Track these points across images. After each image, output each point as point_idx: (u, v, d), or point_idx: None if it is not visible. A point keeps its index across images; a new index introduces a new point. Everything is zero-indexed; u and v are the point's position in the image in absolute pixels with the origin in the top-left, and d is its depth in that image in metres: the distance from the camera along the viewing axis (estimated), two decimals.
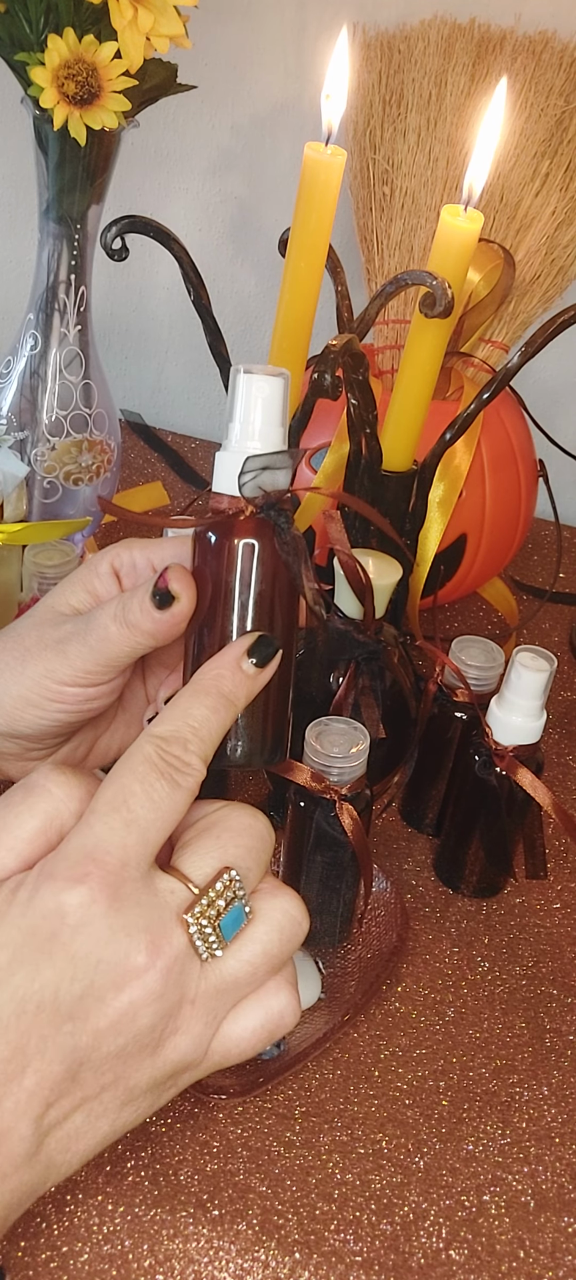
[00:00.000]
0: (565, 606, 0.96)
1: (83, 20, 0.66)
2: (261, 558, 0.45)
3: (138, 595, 0.47)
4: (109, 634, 0.47)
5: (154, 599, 0.46)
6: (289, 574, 0.46)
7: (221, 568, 0.46)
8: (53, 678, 0.49)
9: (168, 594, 0.46)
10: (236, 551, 0.45)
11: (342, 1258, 0.50)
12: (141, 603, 0.46)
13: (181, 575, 0.46)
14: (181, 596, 0.46)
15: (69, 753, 0.53)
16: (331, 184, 0.65)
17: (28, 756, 0.52)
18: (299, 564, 0.45)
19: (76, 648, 0.48)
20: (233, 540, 0.45)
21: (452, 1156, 0.55)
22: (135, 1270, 0.48)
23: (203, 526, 0.46)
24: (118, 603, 0.48)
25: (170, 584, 0.46)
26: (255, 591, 0.45)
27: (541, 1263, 0.51)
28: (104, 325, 1.07)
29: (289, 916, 0.43)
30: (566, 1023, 0.62)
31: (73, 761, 0.54)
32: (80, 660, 0.48)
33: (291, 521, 0.45)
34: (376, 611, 0.65)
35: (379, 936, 0.63)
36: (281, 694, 0.46)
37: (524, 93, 0.82)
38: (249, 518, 0.45)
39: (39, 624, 0.50)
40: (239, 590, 0.45)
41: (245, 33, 0.98)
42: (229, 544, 0.45)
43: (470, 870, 0.67)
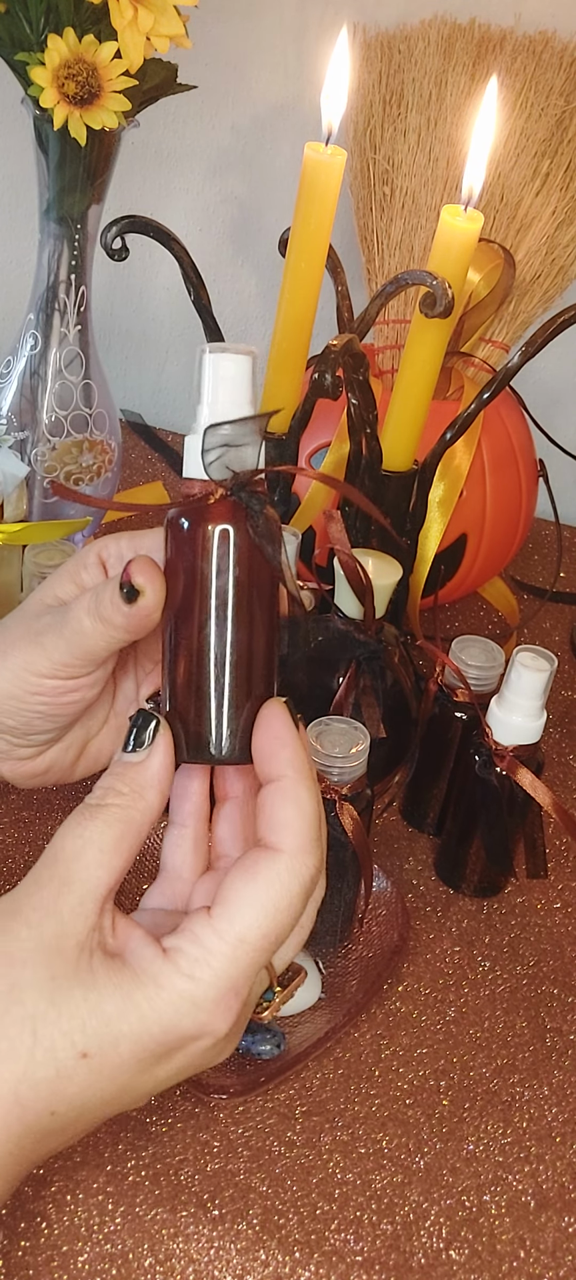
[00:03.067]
0: (565, 606, 0.96)
1: (83, 20, 0.66)
2: (236, 543, 0.43)
3: (108, 588, 0.46)
4: (83, 627, 0.47)
5: (122, 593, 0.45)
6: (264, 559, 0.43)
7: (195, 555, 0.43)
8: (31, 670, 0.48)
9: (132, 588, 0.45)
10: (209, 537, 0.43)
11: (343, 1257, 0.50)
12: (112, 597, 0.46)
13: (146, 567, 0.45)
14: (146, 590, 0.45)
15: (59, 754, 0.53)
16: (331, 184, 0.65)
17: (17, 755, 0.52)
18: (275, 548, 0.43)
19: (53, 640, 0.48)
20: (204, 526, 0.43)
21: (453, 1156, 0.55)
22: (136, 1270, 0.48)
23: (174, 512, 0.44)
24: (92, 596, 0.47)
25: (134, 578, 0.45)
26: (232, 579, 0.43)
27: (542, 1262, 0.51)
28: (104, 325, 1.07)
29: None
30: (567, 1022, 0.62)
31: (63, 764, 0.54)
32: (57, 653, 0.48)
33: (264, 503, 0.43)
34: (377, 611, 0.65)
35: (380, 936, 0.63)
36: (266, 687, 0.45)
37: (524, 93, 0.82)
38: (220, 501, 0.43)
39: (25, 617, 0.50)
40: (214, 578, 0.43)
41: (245, 33, 0.98)
42: (201, 530, 0.43)
43: (471, 870, 0.67)
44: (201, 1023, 0.41)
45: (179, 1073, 0.43)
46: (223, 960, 0.41)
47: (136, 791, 0.43)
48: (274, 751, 0.43)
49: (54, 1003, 0.40)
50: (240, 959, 0.41)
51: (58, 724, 0.51)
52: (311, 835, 0.43)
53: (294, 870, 0.42)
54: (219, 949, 0.41)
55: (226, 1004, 0.41)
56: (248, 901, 0.42)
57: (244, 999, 0.42)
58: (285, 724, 0.44)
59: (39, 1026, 0.40)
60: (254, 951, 0.42)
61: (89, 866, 0.41)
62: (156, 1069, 0.42)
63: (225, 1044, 0.43)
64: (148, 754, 0.43)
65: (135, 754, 0.43)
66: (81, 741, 0.54)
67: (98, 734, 0.54)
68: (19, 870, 0.64)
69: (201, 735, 0.44)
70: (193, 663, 0.44)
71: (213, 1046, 0.42)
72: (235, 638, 0.44)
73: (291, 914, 0.42)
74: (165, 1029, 0.41)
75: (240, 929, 0.41)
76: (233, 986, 0.41)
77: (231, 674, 0.44)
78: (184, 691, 0.44)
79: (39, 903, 0.41)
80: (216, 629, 0.43)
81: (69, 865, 0.41)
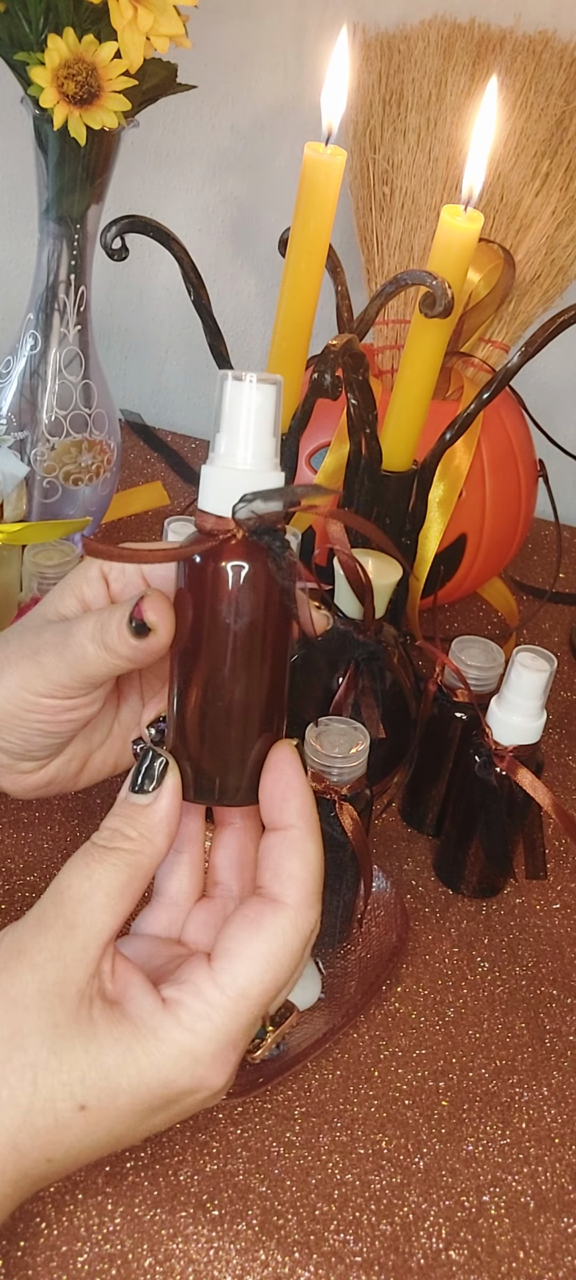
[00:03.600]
0: (565, 606, 0.96)
1: (83, 20, 0.66)
2: (254, 585, 0.42)
3: (115, 618, 0.45)
4: (86, 653, 0.46)
5: (130, 626, 0.44)
6: (281, 598, 0.42)
7: (211, 593, 0.42)
8: (29, 689, 0.48)
9: (143, 625, 0.43)
10: (225, 576, 0.42)
11: (342, 1258, 0.50)
12: (119, 627, 0.44)
13: (159, 605, 0.43)
14: (159, 629, 0.43)
15: (61, 766, 0.53)
16: (331, 184, 0.65)
17: (19, 769, 0.52)
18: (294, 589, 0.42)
19: (53, 661, 0.47)
20: (220, 564, 0.42)
21: (452, 1157, 0.55)
22: (135, 1270, 0.48)
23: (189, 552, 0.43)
24: (96, 622, 0.46)
25: (146, 615, 0.43)
26: (248, 621, 0.42)
27: (541, 1264, 0.51)
28: (104, 325, 1.07)
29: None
30: (566, 1023, 0.62)
31: (66, 776, 0.53)
32: (56, 674, 0.47)
33: (287, 545, 0.42)
34: (376, 612, 0.65)
35: (379, 937, 0.63)
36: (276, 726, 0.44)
37: (524, 92, 0.82)
38: (242, 541, 0.42)
39: (24, 632, 0.49)
40: (230, 620, 0.42)
41: (245, 33, 0.98)
42: (216, 568, 0.42)
43: (470, 870, 0.67)
44: (200, 1077, 0.41)
45: (172, 1119, 0.43)
46: (224, 1015, 0.41)
47: (145, 836, 0.43)
48: (284, 799, 0.43)
49: (55, 1052, 0.40)
50: (241, 1014, 0.41)
51: (57, 740, 0.50)
52: (314, 890, 0.43)
53: (297, 925, 0.42)
54: (220, 1003, 0.41)
55: (224, 1058, 0.42)
56: (251, 956, 0.42)
57: (240, 1051, 0.43)
58: (295, 770, 0.43)
59: (39, 1076, 0.40)
60: (255, 1006, 0.42)
61: (95, 910, 0.41)
62: (152, 1119, 0.42)
63: (220, 1094, 0.43)
64: (155, 797, 0.43)
65: (143, 796, 0.43)
66: (84, 754, 0.53)
67: (101, 746, 0.54)
68: (17, 871, 0.64)
69: (208, 775, 0.44)
70: (202, 702, 0.43)
71: (209, 1097, 0.43)
72: (248, 680, 0.43)
73: (292, 967, 0.42)
74: (164, 1083, 0.41)
75: (243, 984, 0.41)
76: (232, 1041, 0.42)
77: (242, 716, 0.43)
78: (192, 730, 0.43)
79: (44, 944, 0.41)
80: (229, 671, 0.42)
81: (75, 908, 0.41)
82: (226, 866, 0.48)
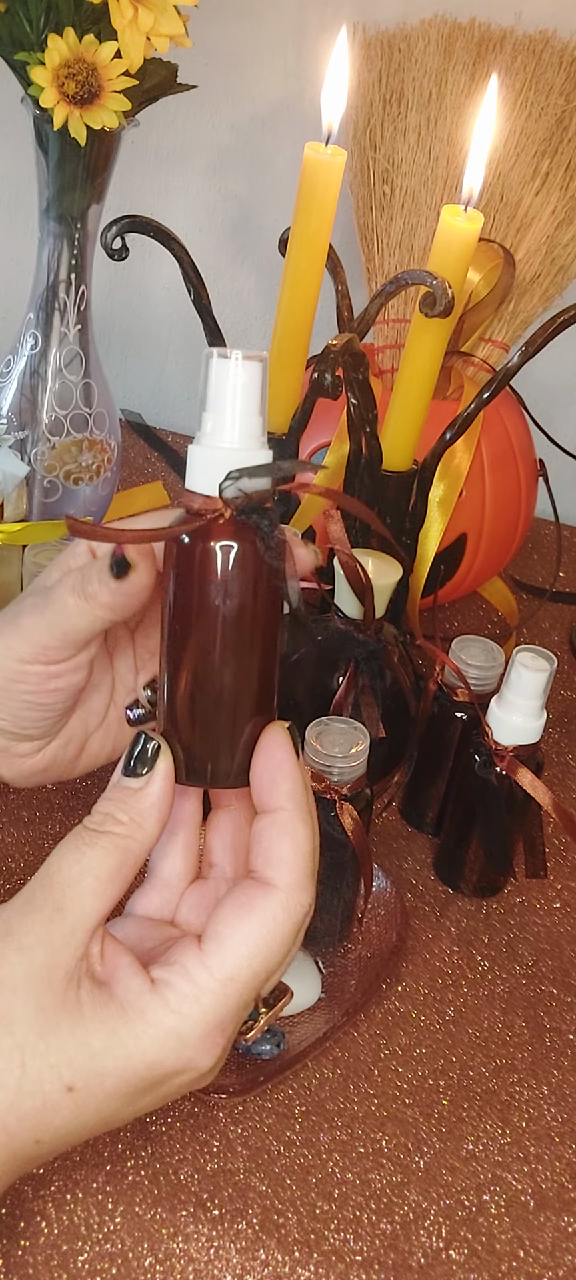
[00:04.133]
0: (565, 606, 0.96)
1: (83, 20, 0.66)
2: (243, 564, 0.41)
3: (96, 566, 0.45)
4: (66, 606, 0.46)
5: (111, 569, 0.44)
6: (270, 578, 0.42)
7: (200, 574, 0.41)
8: (12, 655, 0.48)
9: (124, 561, 0.44)
10: (213, 556, 0.41)
11: (342, 1257, 0.50)
12: (100, 573, 0.45)
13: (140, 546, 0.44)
14: (138, 564, 0.44)
15: (59, 750, 0.53)
16: (331, 183, 0.65)
17: (15, 751, 0.52)
18: (283, 567, 0.42)
19: (33, 621, 0.47)
20: (211, 545, 0.41)
21: (452, 1156, 0.55)
22: (135, 1269, 0.48)
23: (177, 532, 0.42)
24: (77, 575, 0.46)
25: (126, 551, 0.44)
26: (237, 601, 0.42)
27: (541, 1262, 0.51)
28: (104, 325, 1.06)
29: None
30: (566, 1022, 0.62)
31: (63, 761, 0.53)
32: (37, 634, 0.47)
33: (275, 522, 0.42)
34: (376, 611, 0.65)
35: (379, 936, 0.63)
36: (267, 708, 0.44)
37: (524, 92, 0.82)
38: (230, 521, 0.41)
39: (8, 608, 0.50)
40: (219, 600, 0.42)
41: (245, 33, 0.98)
42: (207, 549, 0.41)
43: (470, 869, 0.67)
44: (187, 1058, 0.41)
45: (161, 1100, 0.43)
46: (211, 997, 0.41)
47: (136, 821, 0.43)
48: (274, 782, 0.43)
49: (42, 1035, 0.40)
50: (230, 996, 0.41)
51: (48, 715, 0.50)
52: (306, 872, 0.43)
53: (288, 907, 0.42)
54: (208, 985, 0.41)
55: (212, 1040, 0.42)
56: (240, 939, 0.42)
57: (230, 1034, 0.43)
58: (287, 753, 0.43)
59: (27, 1058, 0.40)
60: (244, 989, 0.42)
61: (84, 895, 0.41)
62: (140, 1100, 0.42)
63: (208, 1075, 0.43)
64: (147, 781, 0.43)
65: (135, 780, 0.43)
66: (81, 736, 0.53)
67: (98, 728, 0.54)
68: (18, 870, 0.64)
69: (201, 758, 0.44)
70: (193, 684, 0.43)
71: (197, 1079, 0.43)
72: (238, 661, 0.43)
73: (283, 951, 0.42)
74: (150, 1065, 0.41)
75: (231, 967, 0.41)
76: (219, 1023, 0.42)
77: (232, 697, 0.43)
78: (183, 713, 0.43)
79: (32, 927, 0.41)
80: (220, 652, 0.42)
81: (64, 891, 0.41)
82: (220, 848, 0.48)
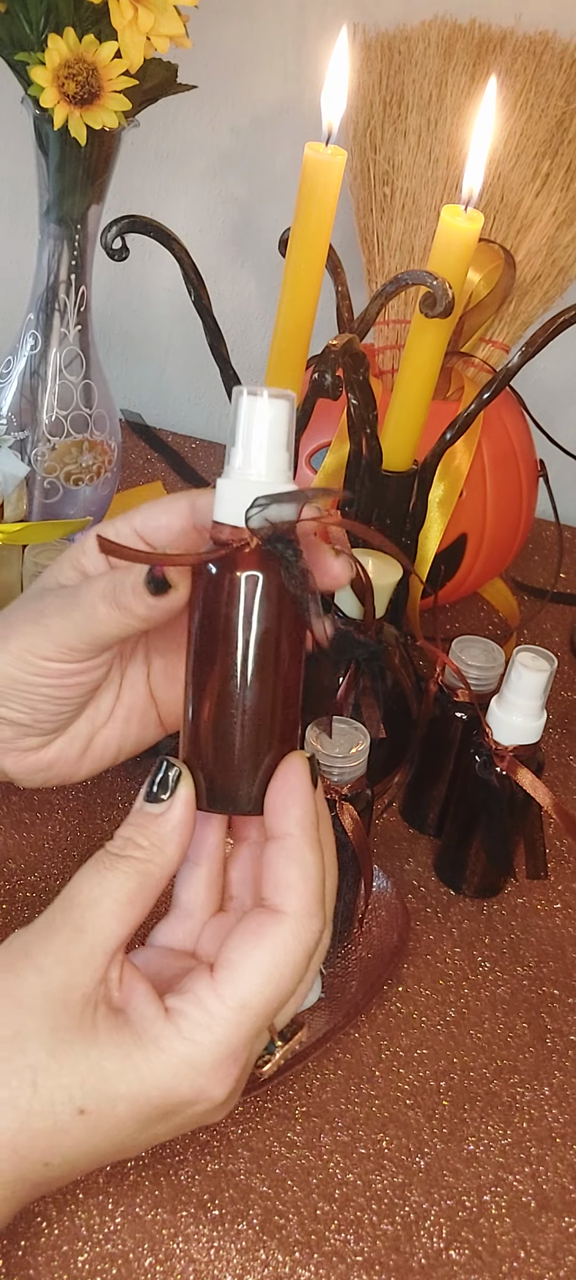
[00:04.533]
0: (565, 607, 0.96)
1: (83, 20, 0.66)
2: (268, 593, 0.42)
3: (131, 577, 0.45)
4: (97, 613, 0.46)
5: (149, 585, 0.44)
6: (295, 608, 0.43)
7: (225, 603, 0.43)
8: (34, 652, 0.48)
9: (164, 582, 0.44)
10: (239, 585, 0.42)
11: (343, 1258, 0.50)
12: (135, 585, 0.45)
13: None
14: (179, 586, 0.44)
15: (65, 746, 0.52)
16: (331, 184, 0.65)
17: (22, 745, 0.51)
18: (307, 597, 0.43)
19: (60, 623, 0.47)
20: (235, 574, 0.42)
21: (454, 1157, 0.55)
22: (136, 1270, 0.48)
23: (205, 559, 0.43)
24: (108, 581, 0.46)
25: (168, 572, 0.44)
26: (262, 630, 0.43)
27: (543, 1263, 0.51)
28: (104, 326, 1.06)
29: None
30: (568, 1023, 0.62)
31: (69, 756, 0.53)
32: (63, 636, 0.47)
33: (299, 554, 0.43)
34: (377, 611, 0.65)
35: (380, 937, 0.63)
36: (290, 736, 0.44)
37: (524, 93, 0.82)
38: (256, 550, 0.42)
39: (26, 602, 0.50)
40: (244, 628, 0.43)
41: (245, 33, 0.98)
42: (233, 578, 0.42)
43: (471, 871, 0.67)
44: (200, 1087, 0.41)
45: (173, 1130, 0.43)
46: (224, 1026, 0.41)
47: (156, 846, 0.43)
48: (285, 808, 0.43)
49: (55, 1055, 0.40)
50: (242, 1024, 0.41)
51: (64, 710, 0.50)
52: (316, 897, 0.43)
53: (298, 934, 0.42)
54: (221, 1014, 0.41)
55: (225, 1070, 0.42)
56: (252, 966, 0.42)
57: (243, 1064, 0.42)
58: (301, 780, 0.43)
59: (39, 1078, 0.40)
60: (256, 1017, 0.42)
61: (103, 917, 0.41)
62: (152, 1129, 0.42)
63: (223, 1107, 0.43)
64: (168, 806, 0.43)
65: (156, 805, 0.43)
66: (87, 733, 0.53)
67: (104, 725, 0.53)
68: (19, 872, 0.64)
69: (222, 785, 0.44)
70: (216, 711, 0.43)
71: (211, 1110, 0.43)
72: (261, 689, 0.43)
73: (295, 978, 0.42)
74: (163, 1092, 0.41)
75: (243, 994, 0.41)
76: (232, 1053, 0.42)
77: (255, 725, 0.43)
78: (206, 739, 0.44)
79: (50, 949, 0.41)
80: (242, 680, 0.43)
81: (84, 913, 0.41)
82: (240, 880, 0.48)
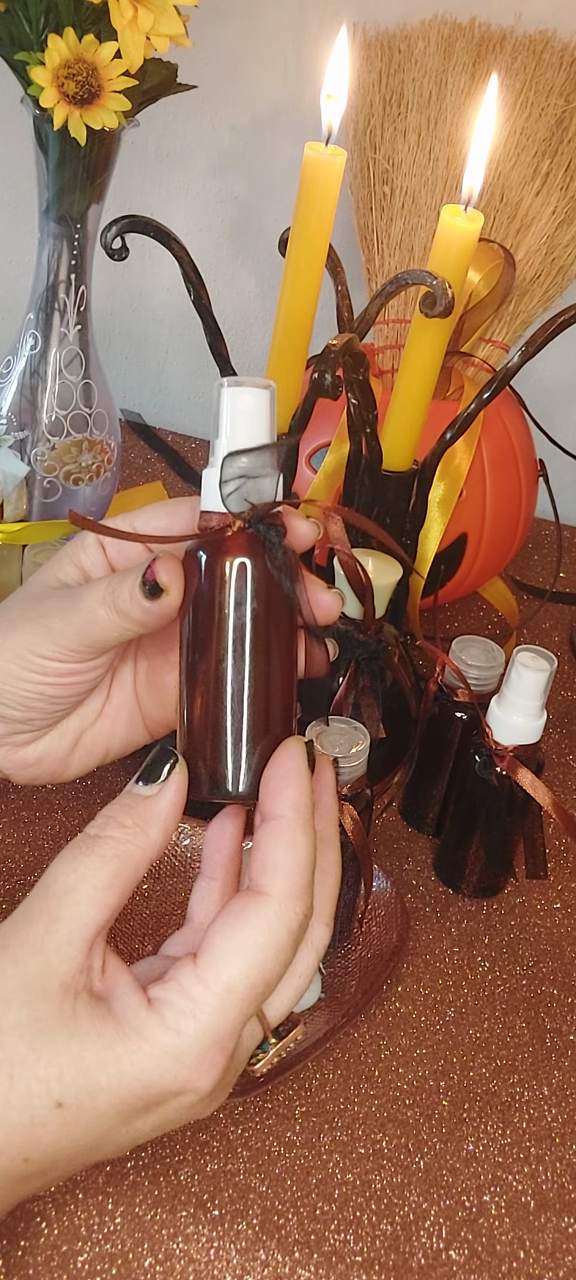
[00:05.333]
0: (565, 606, 0.96)
1: (83, 20, 0.66)
2: (254, 575, 0.43)
3: (127, 582, 0.45)
4: (96, 617, 0.46)
5: (143, 588, 0.44)
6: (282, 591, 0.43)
7: (213, 587, 0.43)
8: (34, 651, 0.48)
9: (157, 586, 0.44)
10: (227, 569, 0.43)
11: (343, 1257, 0.50)
12: (131, 590, 0.45)
13: (171, 566, 0.44)
14: (171, 589, 0.44)
15: (54, 743, 0.52)
16: (331, 184, 0.65)
17: (12, 740, 0.51)
18: (292, 581, 0.43)
19: (60, 625, 0.47)
20: (223, 558, 0.43)
21: (453, 1156, 0.55)
22: (135, 1270, 0.48)
23: (192, 545, 0.44)
24: (107, 586, 0.46)
25: (159, 576, 0.44)
26: (249, 612, 0.43)
27: (542, 1263, 0.51)
28: (104, 325, 1.07)
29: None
30: (567, 1022, 0.62)
31: (58, 753, 0.53)
32: (63, 637, 0.47)
33: (282, 535, 0.43)
34: (376, 611, 0.65)
35: (379, 936, 0.63)
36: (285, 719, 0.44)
37: (524, 92, 0.82)
38: (238, 533, 0.43)
39: (26, 598, 0.50)
40: (232, 611, 0.43)
41: (245, 33, 0.98)
42: (219, 562, 0.43)
43: (470, 870, 0.67)
44: (184, 1079, 0.40)
45: (159, 1127, 0.42)
46: (209, 1012, 0.40)
47: (140, 826, 0.42)
48: (278, 789, 0.43)
49: (33, 1046, 0.39)
50: (228, 1010, 0.41)
51: (58, 707, 0.50)
52: (302, 881, 0.42)
53: (282, 916, 0.41)
54: (205, 1000, 0.40)
55: (211, 1059, 0.41)
56: (234, 950, 0.41)
57: (230, 1053, 0.41)
58: (297, 764, 0.43)
59: (15, 1070, 0.39)
60: (241, 1002, 0.41)
61: (80, 903, 0.41)
62: (135, 1123, 0.41)
63: (209, 1101, 0.42)
64: (160, 789, 0.43)
65: (147, 787, 0.43)
66: (76, 731, 0.53)
67: (93, 724, 0.53)
68: (18, 870, 0.64)
69: (218, 771, 0.44)
70: (210, 697, 0.44)
71: (197, 1103, 0.41)
72: (253, 672, 0.43)
73: (280, 962, 0.42)
74: (146, 1084, 0.40)
75: (227, 979, 0.41)
76: (218, 1041, 0.41)
77: (249, 709, 0.43)
78: (200, 726, 0.44)
79: (26, 939, 0.41)
80: (234, 662, 0.43)
81: (60, 900, 0.41)
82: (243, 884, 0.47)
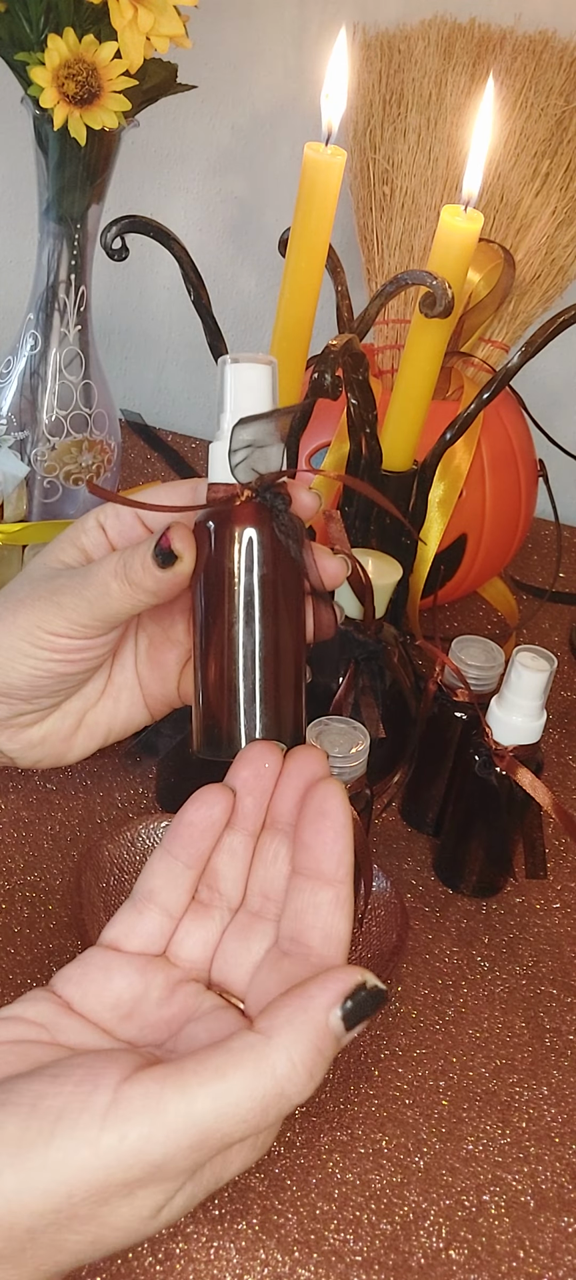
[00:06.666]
0: (565, 606, 0.96)
1: (83, 20, 0.66)
2: (262, 542, 0.44)
3: (139, 553, 0.46)
4: (109, 590, 0.47)
5: (156, 558, 0.45)
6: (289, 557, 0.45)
7: (223, 556, 0.45)
8: (45, 627, 0.48)
9: (171, 553, 0.45)
10: (236, 538, 0.44)
11: (342, 1257, 0.50)
12: (144, 560, 0.45)
13: (184, 534, 0.45)
14: (184, 556, 0.45)
15: (57, 723, 0.52)
16: (331, 184, 0.65)
17: (17, 722, 0.51)
18: (299, 546, 0.44)
19: (72, 600, 0.48)
20: (231, 528, 0.44)
21: (452, 1156, 0.55)
22: (136, 1269, 0.48)
23: (201, 516, 0.46)
24: (119, 559, 0.47)
25: (173, 543, 0.45)
26: (258, 577, 0.44)
27: (541, 1262, 0.51)
28: (104, 325, 1.06)
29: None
30: (566, 1022, 0.62)
31: (59, 735, 0.53)
32: (76, 613, 0.48)
33: (288, 503, 0.45)
34: (376, 611, 0.65)
35: (379, 936, 0.63)
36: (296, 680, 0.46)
37: (524, 92, 0.82)
38: (246, 503, 0.44)
39: (31, 579, 0.50)
40: (242, 577, 0.44)
41: (245, 33, 0.98)
42: (228, 531, 0.44)
43: (470, 870, 0.67)
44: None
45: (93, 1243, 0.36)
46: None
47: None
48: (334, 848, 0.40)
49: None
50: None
51: (65, 685, 0.51)
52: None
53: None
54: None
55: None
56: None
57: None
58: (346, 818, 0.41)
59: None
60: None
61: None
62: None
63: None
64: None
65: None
66: (79, 711, 0.53)
67: (95, 704, 0.54)
68: (18, 870, 0.64)
69: (233, 730, 0.45)
70: (224, 660, 0.45)
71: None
72: (264, 634, 0.45)
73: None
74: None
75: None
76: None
77: (262, 669, 0.45)
78: (216, 691, 0.45)
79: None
80: (246, 625, 0.45)
81: None
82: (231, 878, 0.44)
